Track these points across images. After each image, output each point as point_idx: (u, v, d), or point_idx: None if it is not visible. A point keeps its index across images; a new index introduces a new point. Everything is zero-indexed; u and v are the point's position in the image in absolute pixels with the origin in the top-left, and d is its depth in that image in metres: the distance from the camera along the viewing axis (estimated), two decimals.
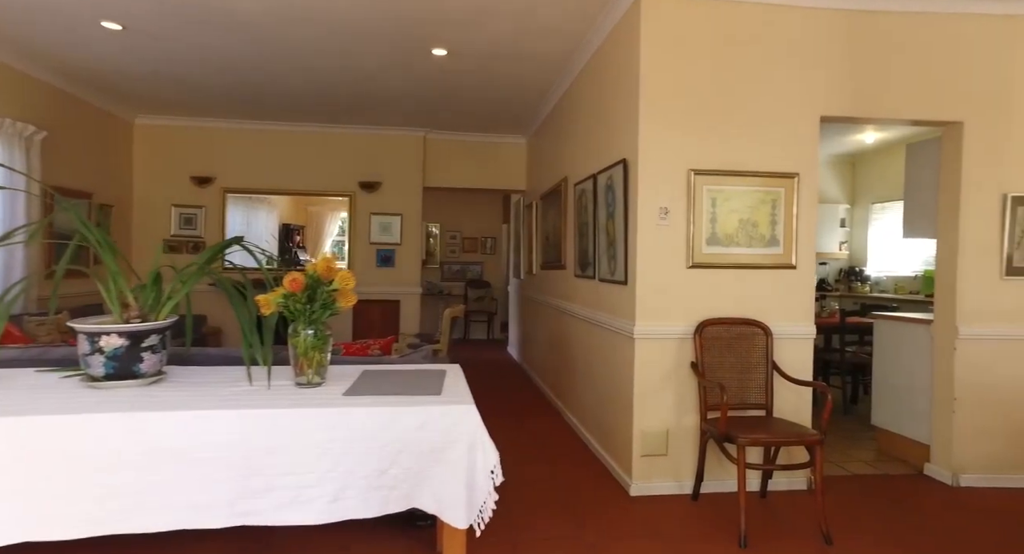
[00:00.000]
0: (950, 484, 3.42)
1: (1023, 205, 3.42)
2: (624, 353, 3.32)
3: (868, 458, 3.87)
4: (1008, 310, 3.43)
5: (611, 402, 3.56)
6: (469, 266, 10.03)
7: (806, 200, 3.27)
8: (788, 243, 3.26)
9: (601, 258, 3.80)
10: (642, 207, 3.17)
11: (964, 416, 3.42)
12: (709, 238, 3.21)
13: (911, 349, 3.78)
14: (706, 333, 3.12)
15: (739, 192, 3.22)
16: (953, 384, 3.42)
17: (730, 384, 3.07)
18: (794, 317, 3.28)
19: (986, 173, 3.41)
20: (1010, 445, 3.45)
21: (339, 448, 1.72)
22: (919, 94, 3.37)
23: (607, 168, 3.64)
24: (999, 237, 3.43)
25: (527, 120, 6.29)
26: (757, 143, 3.24)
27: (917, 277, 6.83)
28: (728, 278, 3.23)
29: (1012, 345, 3.43)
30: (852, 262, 7.83)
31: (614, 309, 3.54)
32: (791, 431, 2.73)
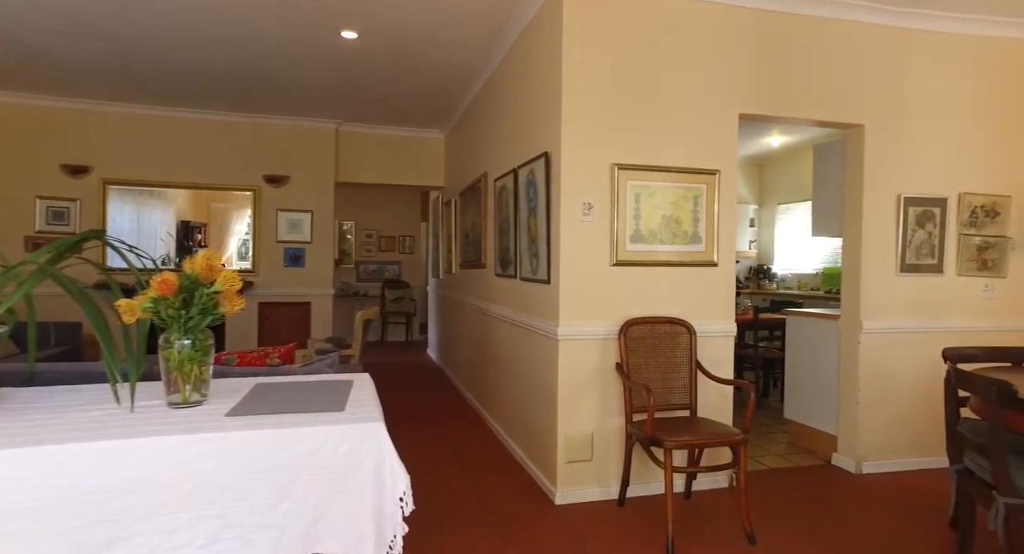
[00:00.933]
0: (854, 472, 3.54)
1: (914, 206, 3.60)
2: (548, 355, 3.17)
3: (781, 451, 3.96)
4: (903, 305, 3.60)
5: (535, 407, 3.41)
6: (386, 266, 9.64)
7: (726, 197, 3.27)
8: (710, 240, 3.24)
9: (523, 256, 3.65)
10: (565, 202, 3.04)
11: (866, 407, 3.56)
12: (633, 235, 3.13)
13: (820, 344, 3.90)
14: (631, 333, 3.03)
15: (662, 188, 3.16)
16: (858, 376, 3.55)
17: (655, 385, 3.00)
18: (716, 315, 3.27)
19: (883, 175, 3.56)
20: (904, 431, 3.62)
21: (217, 481, 1.44)
22: (826, 97, 3.46)
23: (528, 162, 3.49)
24: (895, 236, 3.59)
25: (446, 113, 6.05)
26: (680, 139, 3.19)
27: (818, 274, 7.21)
28: (652, 276, 3.17)
29: (906, 337, 3.60)
30: (760, 260, 8.18)
31: (537, 309, 3.39)
32: (716, 432, 2.69)
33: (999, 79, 3.74)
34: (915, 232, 3.60)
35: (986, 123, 3.72)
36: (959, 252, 3.68)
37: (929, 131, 3.63)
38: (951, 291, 3.69)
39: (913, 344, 3.61)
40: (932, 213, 3.63)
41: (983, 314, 3.73)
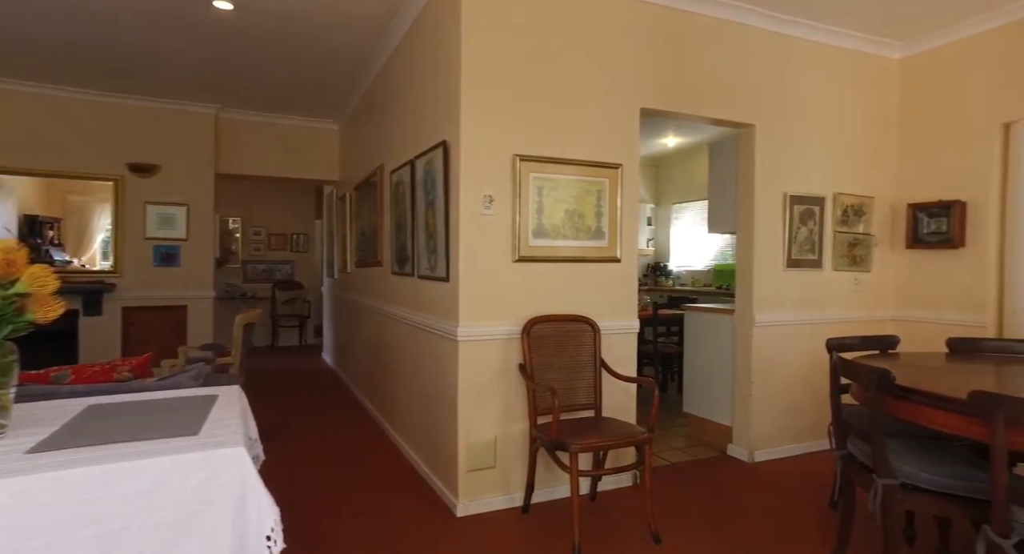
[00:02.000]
0: (748, 461, 3.66)
1: (798, 204, 3.78)
2: (447, 358, 2.98)
3: (681, 445, 4.03)
4: (788, 299, 3.78)
5: (435, 414, 3.20)
6: (277, 265, 8.98)
7: (629, 192, 3.24)
8: (613, 236, 3.20)
9: (421, 253, 3.43)
10: (464, 195, 2.86)
11: (758, 397, 3.69)
12: (536, 230, 3.01)
13: (716, 338, 4.01)
14: (534, 332, 2.91)
15: (566, 181, 3.07)
16: (751, 369, 3.67)
17: (560, 385, 2.90)
18: (620, 312, 3.23)
19: (771, 173, 3.71)
20: (791, 419, 3.80)
21: (15, 538, 1.12)
22: (722, 95, 3.54)
23: (426, 152, 3.28)
24: (782, 233, 3.75)
25: (340, 102, 5.67)
26: (583, 131, 3.12)
27: (710, 271, 7.56)
28: (556, 272, 3.07)
29: (792, 329, 3.77)
30: (657, 258, 8.46)
31: (436, 309, 3.18)
32: (622, 432, 2.62)
33: (865, 91, 4.02)
34: (799, 229, 3.78)
35: (855, 130, 3.99)
36: (834, 248, 3.92)
37: (809, 134, 3.83)
38: (828, 285, 3.92)
39: (798, 336, 3.80)
40: (813, 211, 3.83)
41: (853, 305, 4.00)
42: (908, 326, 4.01)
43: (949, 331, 3.76)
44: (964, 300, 3.74)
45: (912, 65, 4.06)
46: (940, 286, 3.87)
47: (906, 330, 4.01)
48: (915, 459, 2.12)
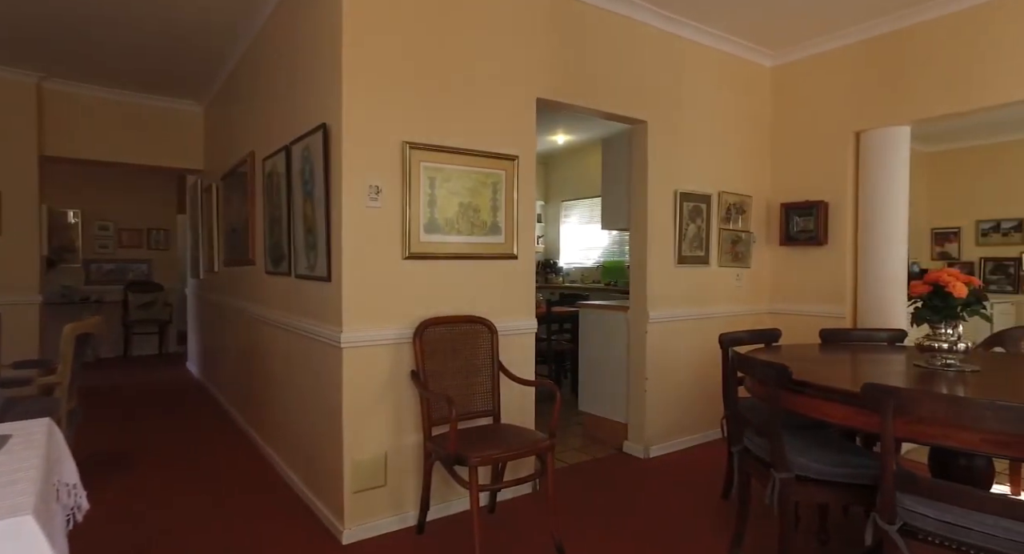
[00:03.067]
0: (643, 457, 3.69)
1: (688, 201, 3.87)
2: (330, 366, 2.66)
3: (578, 444, 3.99)
4: (680, 295, 3.85)
5: (317, 429, 2.86)
6: (131, 265, 7.93)
7: (526, 186, 3.10)
8: (509, 231, 3.04)
9: (298, 250, 3.06)
10: (348, 185, 2.56)
11: (653, 394, 3.72)
12: (428, 224, 2.77)
13: (611, 336, 4.00)
14: (427, 335, 2.68)
15: (459, 172, 2.86)
16: (645, 365, 3.69)
17: (457, 392, 2.70)
18: (517, 311, 3.08)
19: (663, 170, 3.75)
20: (683, 412, 3.89)
21: None
22: (616, 90, 3.51)
23: (303, 136, 2.92)
24: (673, 229, 3.82)
25: (204, 80, 5.03)
26: (477, 120, 2.93)
27: (598, 267, 7.72)
28: (450, 270, 2.85)
29: (683, 325, 3.86)
30: (547, 255, 8.51)
31: (317, 312, 2.84)
32: (523, 441, 2.47)
33: (743, 95, 4.21)
34: (688, 226, 3.87)
35: (736, 131, 4.16)
36: (719, 245, 4.07)
37: (697, 133, 3.93)
38: (714, 280, 4.06)
39: (688, 331, 3.89)
40: (700, 209, 3.94)
41: (736, 300, 4.18)
42: (782, 318, 4.26)
43: (817, 322, 4.04)
44: (828, 293, 4.02)
45: (781, 73, 4.31)
46: (808, 280, 4.14)
47: (780, 322, 4.26)
48: (805, 450, 2.17)
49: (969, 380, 2.12)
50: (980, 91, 3.36)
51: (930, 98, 3.55)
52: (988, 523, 1.61)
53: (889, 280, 3.78)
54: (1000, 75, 3.27)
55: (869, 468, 2.04)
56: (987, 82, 3.32)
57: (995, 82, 3.29)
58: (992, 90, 3.31)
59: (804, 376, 2.09)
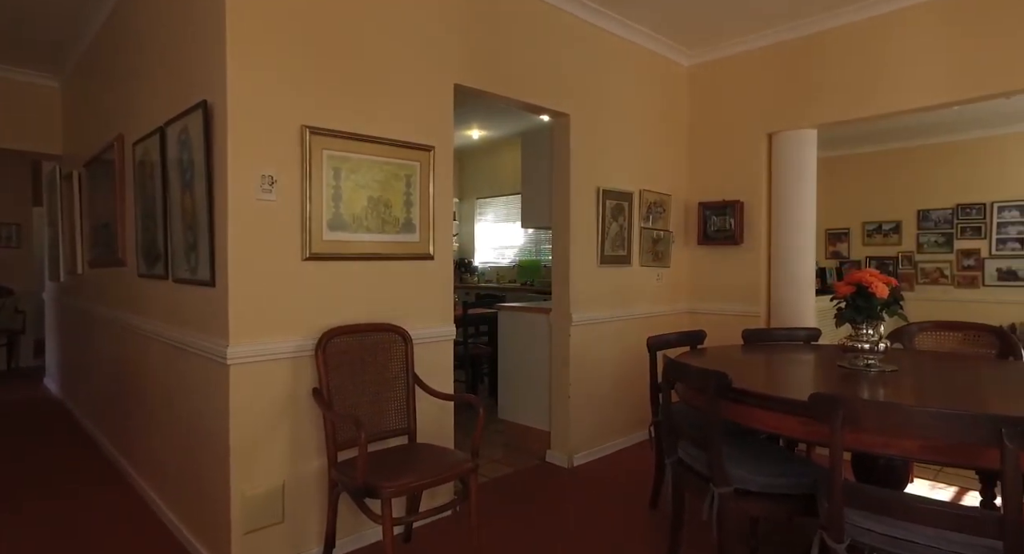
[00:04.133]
0: (567, 466, 3.53)
1: (610, 199, 3.76)
2: (215, 386, 2.26)
3: (498, 455, 3.77)
4: (603, 296, 3.74)
5: (200, 459, 2.44)
6: None
7: (442, 179, 2.83)
8: (425, 229, 2.76)
9: (177, 249, 2.61)
10: (235, 174, 2.18)
11: (577, 399, 3.58)
12: (333, 220, 2.43)
13: (532, 339, 3.82)
14: (332, 347, 2.34)
15: (369, 163, 2.54)
16: (569, 370, 3.54)
17: (366, 410, 2.38)
18: (434, 316, 2.81)
19: (586, 166, 3.61)
20: (608, 417, 3.78)
21: None
22: (539, 80, 3.32)
23: (180, 116, 2.48)
24: (596, 228, 3.69)
25: (62, 49, 4.31)
26: (390, 105, 2.62)
27: (514, 267, 7.56)
28: (358, 272, 2.53)
29: (605, 327, 3.75)
30: (462, 254, 8.24)
31: (199, 322, 2.42)
32: (443, 464, 2.21)
33: (663, 92, 4.17)
34: (611, 225, 3.76)
35: (656, 129, 4.12)
36: (640, 244, 4.00)
37: (619, 129, 3.83)
38: (636, 281, 3.99)
39: (612, 332, 3.78)
40: (622, 207, 3.84)
41: (656, 300, 4.14)
42: (700, 318, 4.27)
43: (734, 321, 4.08)
44: (744, 292, 4.07)
45: (697, 73, 4.32)
46: (725, 280, 4.18)
47: (699, 321, 4.27)
48: (743, 461, 2.07)
49: (889, 380, 2.12)
50: (882, 98, 3.49)
51: (835, 103, 3.66)
52: (934, 536, 1.55)
53: (799, 279, 3.88)
54: (901, 83, 3.40)
55: (808, 477, 1.98)
56: (889, 90, 3.45)
57: (896, 90, 3.43)
58: (893, 97, 3.45)
59: (741, 383, 1.99)
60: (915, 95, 3.37)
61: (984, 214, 5.76)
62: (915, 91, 3.36)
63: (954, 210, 5.91)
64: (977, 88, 3.18)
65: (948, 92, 3.27)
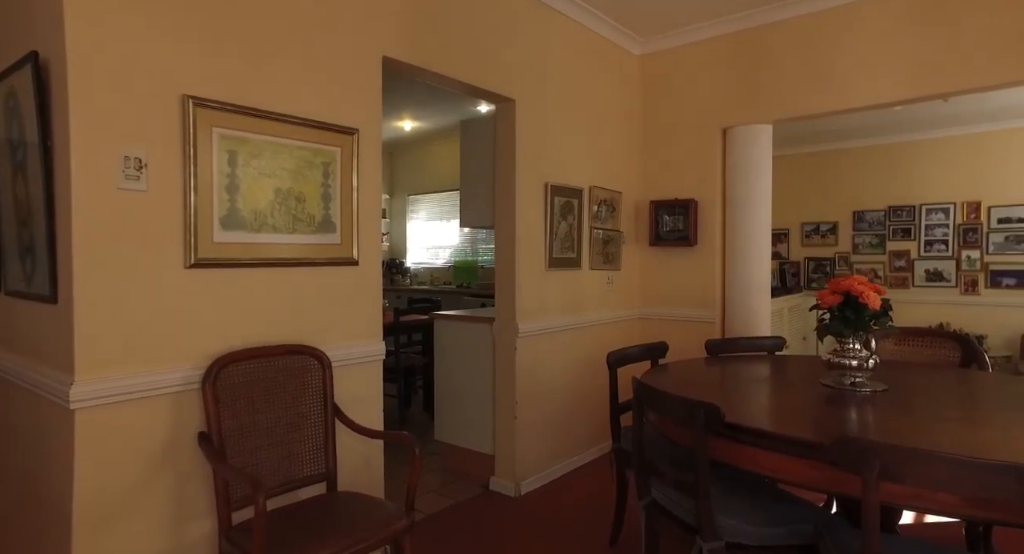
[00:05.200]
0: (513, 496, 3.14)
1: (559, 196, 3.40)
2: (55, 437, 1.70)
3: (436, 484, 3.33)
4: (552, 302, 3.38)
5: (30, 540, 1.86)
6: None
7: (368, 169, 2.37)
8: (347, 228, 2.29)
9: (8, 251, 2.00)
10: (82, 153, 1.63)
11: (525, 419, 3.20)
12: (228, 218, 1.92)
13: (474, 352, 3.40)
14: (226, 378, 1.84)
15: (275, 147, 2.04)
16: (515, 387, 3.15)
17: (272, 457, 1.89)
18: (360, 333, 2.34)
19: (533, 159, 3.23)
20: (558, 437, 3.43)
21: None
22: (481, 59, 2.90)
23: (3, 74, 1.88)
24: (544, 228, 3.32)
25: None
26: (304, 78, 2.13)
27: (449, 268, 7.11)
28: (262, 282, 2.03)
29: (556, 337, 3.39)
30: (393, 255, 7.70)
31: (35, 349, 1.84)
32: (370, 524, 1.75)
33: (614, 82, 3.86)
34: (560, 224, 3.40)
35: (606, 121, 3.80)
36: (591, 245, 3.67)
37: (569, 119, 3.48)
38: (587, 285, 3.65)
39: (562, 343, 3.43)
40: (572, 205, 3.49)
41: (607, 305, 3.83)
42: (653, 323, 4.00)
43: (687, 327, 3.83)
44: (698, 296, 3.83)
45: (649, 63, 4.05)
46: (678, 283, 3.92)
47: (651, 327, 4.00)
48: (733, 507, 1.75)
49: (883, 403, 1.87)
50: (839, 93, 3.31)
51: (792, 97, 3.47)
52: None
53: (755, 282, 3.67)
54: (858, 79, 3.24)
55: (808, 521, 1.68)
56: (845, 85, 3.28)
57: (853, 86, 3.26)
58: (850, 93, 3.28)
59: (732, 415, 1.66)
60: (871, 91, 3.21)
61: (914, 216, 5.87)
62: (872, 87, 3.20)
63: (886, 212, 6.00)
64: (933, 86, 3.05)
65: (905, 89, 3.12)
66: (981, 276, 5.59)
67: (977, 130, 5.54)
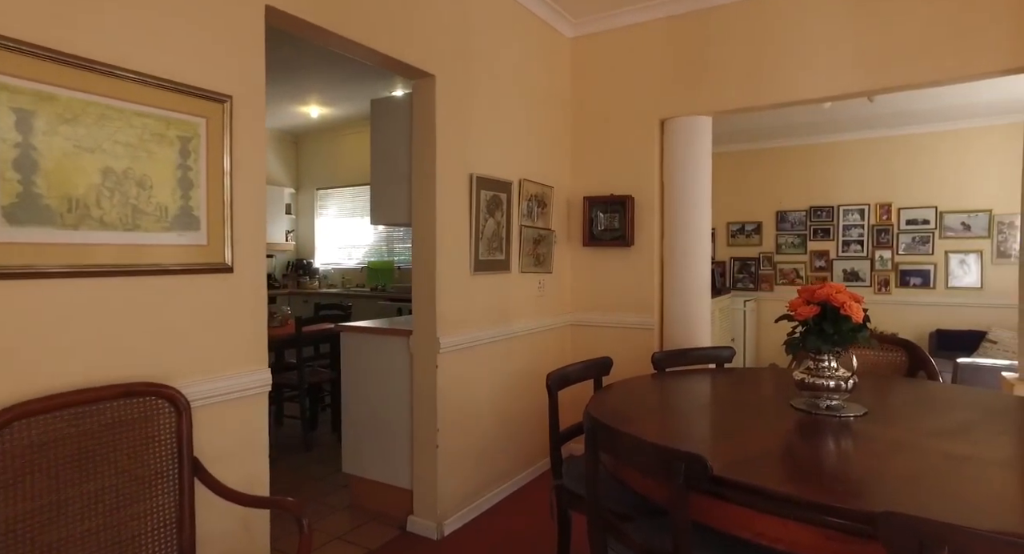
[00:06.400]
0: (436, 538, 2.69)
1: (486, 189, 2.99)
2: None
3: (343, 526, 2.82)
4: (478, 311, 2.95)
5: None
6: None
7: (247, 148, 1.83)
8: (217, 225, 1.75)
9: None
10: None
11: (447, 448, 2.76)
12: (18, 206, 1.35)
13: (388, 370, 2.92)
14: (8, 442, 1.27)
15: (104, 110, 1.48)
16: (437, 412, 2.70)
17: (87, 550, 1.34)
18: (235, 359, 1.81)
19: (456, 145, 2.79)
20: (484, 465, 3.01)
21: None
22: (394, 22, 2.42)
23: None
24: (469, 225, 2.89)
25: None
26: (154, 17, 1.57)
27: (363, 269, 6.51)
28: (81, 298, 1.46)
29: (482, 351, 2.97)
30: (300, 254, 6.98)
31: None
32: None
33: (546, 66, 3.49)
34: (487, 222, 2.98)
35: (538, 109, 3.42)
36: (520, 246, 3.28)
37: (496, 102, 3.06)
38: (517, 290, 3.26)
39: (490, 357, 3.02)
40: (500, 200, 3.08)
41: (538, 312, 3.46)
42: (587, 331, 3.67)
43: (625, 334, 3.54)
44: (636, 301, 3.54)
45: (582, 46, 3.71)
46: (614, 286, 3.61)
47: (585, 335, 3.68)
48: None
49: (866, 431, 1.60)
50: (781, 86, 3.11)
51: (734, 88, 3.23)
52: None
53: (696, 284, 3.42)
54: (801, 71, 3.05)
55: None
56: (787, 78, 3.08)
57: (793, 78, 3.07)
58: (790, 87, 3.09)
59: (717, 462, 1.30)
60: (812, 85, 3.03)
61: (832, 216, 5.95)
62: (813, 81, 3.02)
63: (808, 212, 6.05)
64: (875, 81, 2.90)
65: (847, 83, 2.95)
66: (892, 275, 5.74)
67: (890, 133, 5.67)
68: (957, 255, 5.50)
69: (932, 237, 5.58)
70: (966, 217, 5.47)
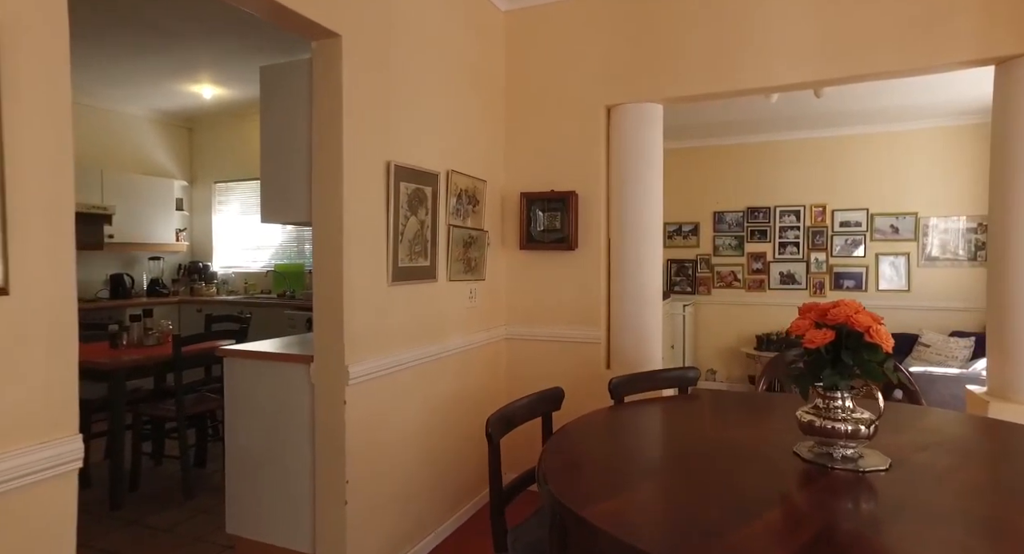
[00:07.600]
0: None
1: (407, 181, 2.45)
2: None
3: None
4: (396, 330, 2.42)
5: None
6: None
7: (31, 101, 1.22)
8: None
9: None
10: None
11: (358, 502, 2.21)
12: None
13: (283, 406, 2.33)
14: None
15: None
16: (345, 457, 2.15)
17: None
18: (20, 426, 1.19)
19: (368, 126, 2.25)
20: (402, 517, 2.48)
21: None
22: None
23: None
24: (386, 225, 2.35)
25: None
26: None
27: (268, 274, 5.76)
28: None
29: (402, 377, 2.45)
30: (195, 256, 6.11)
31: None
32: None
33: (478, 42, 3.00)
34: (408, 220, 2.45)
35: (469, 91, 2.93)
36: (449, 249, 2.77)
37: (421, 79, 2.54)
38: (445, 302, 2.75)
39: (412, 384, 2.49)
40: (424, 194, 2.56)
41: (469, 326, 2.97)
42: (525, 345, 3.22)
43: (566, 350, 3.12)
44: (580, 311, 3.12)
45: (517, 21, 3.25)
46: (555, 295, 3.18)
47: (522, 350, 3.23)
48: None
49: (896, 495, 1.24)
50: (743, 72, 2.78)
51: (684, 74, 2.88)
52: None
53: (646, 292, 3.04)
54: (759, 57, 2.73)
55: None
56: (749, 63, 2.76)
57: (751, 65, 2.75)
58: (756, 72, 2.77)
59: None
60: (780, 72, 2.72)
61: (769, 218, 5.83)
62: (780, 67, 2.71)
63: (744, 213, 5.90)
64: (846, 68, 2.63)
65: (815, 71, 2.67)
66: (827, 278, 5.68)
67: (826, 134, 5.60)
68: (887, 257, 5.50)
69: (864, 239, 5.56)
70: (895, 219, 5.48)
